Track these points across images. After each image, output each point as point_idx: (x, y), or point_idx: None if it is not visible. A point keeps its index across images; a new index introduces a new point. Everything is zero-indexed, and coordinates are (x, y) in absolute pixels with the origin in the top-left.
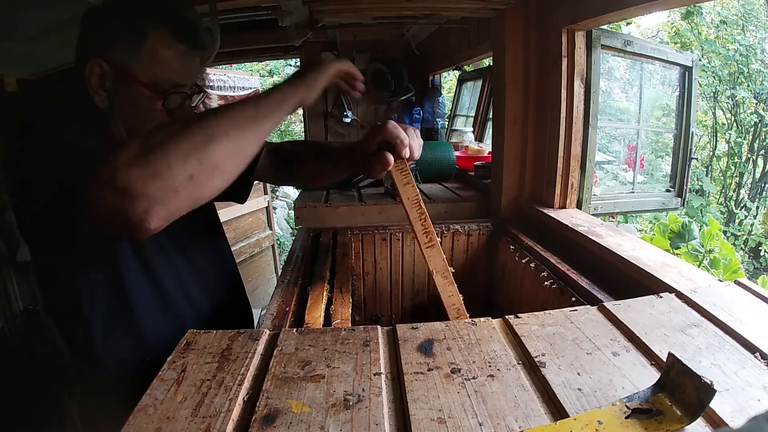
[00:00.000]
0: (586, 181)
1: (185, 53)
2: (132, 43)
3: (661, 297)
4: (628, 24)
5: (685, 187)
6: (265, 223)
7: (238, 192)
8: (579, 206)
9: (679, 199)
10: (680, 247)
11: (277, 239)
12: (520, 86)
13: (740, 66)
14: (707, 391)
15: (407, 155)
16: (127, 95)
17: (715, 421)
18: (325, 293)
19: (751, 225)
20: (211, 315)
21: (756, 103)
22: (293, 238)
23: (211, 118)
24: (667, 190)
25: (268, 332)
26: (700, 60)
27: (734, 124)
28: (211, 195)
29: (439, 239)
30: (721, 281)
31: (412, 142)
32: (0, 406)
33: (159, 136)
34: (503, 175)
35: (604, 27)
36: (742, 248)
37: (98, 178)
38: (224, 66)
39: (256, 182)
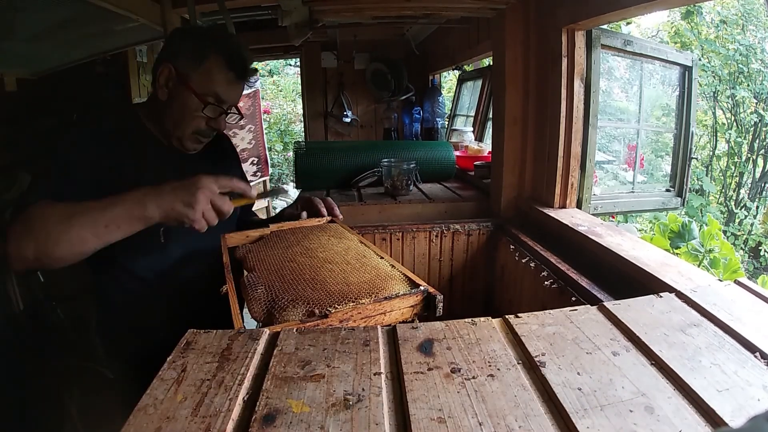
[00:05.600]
0: (586, 181)
1: (231, 80)
2: (196, 59)
3: (661, 297)
4: (628, 24)
5: (685, 186)
6: None
7: None
8: (579, 206)
9: (679, 198)
10: (680, 247)
11: None
12: (520, 86)
13: (740, 66)
14: None
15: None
16: (180, 96)
17: (715, 420)
18: None
19: (751, 225)
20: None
21: (756, 103)
22: None
23: (67, 224)
24: (667, 190)
25: (268, 332)
26: (700, 60)
27: (734, 123)
28: (59, 267)
29: (438, 239)
30: (721, 281)
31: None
32: (0, 406)
33: (32, 227)
34: (503, 175)
35: (604, 27)
36: (742, 248)
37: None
38: None
39: (257, 181)
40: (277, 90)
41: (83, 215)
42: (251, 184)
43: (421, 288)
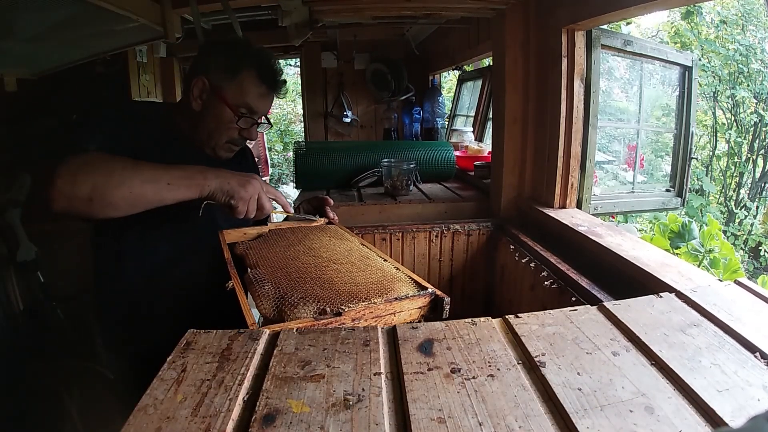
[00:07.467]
0: (586, 181)
1: (263, 93)
2: (229, 72)
3: (661, 297)
4: (628, 24)
5: (685, 186)
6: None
7: None
8: (579, 206)
9: (679, 198)
10: (680, 247)
11: None
12: (520, 86)
13: (740, 66)
14: None
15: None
16: (214, 108)
17: (715, 421)
18: None
19: (751, 225)
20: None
21: (756, 103)
22: None
23: (131, 172)
24: (667, 190)
25: (268, 332)
26: (700, 60)
27: (734, 124)
28: (102, 217)
29: (438, 239)
30: (721, 281)
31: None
32: (0, 406)
33: (94, 167)
34: (503, 175)
35: (604, 27)
36: (742, 248)
37: (53, 165)
38: None
39: None
40: None
41: (149, 169)
42: None
43: (429, 290)
